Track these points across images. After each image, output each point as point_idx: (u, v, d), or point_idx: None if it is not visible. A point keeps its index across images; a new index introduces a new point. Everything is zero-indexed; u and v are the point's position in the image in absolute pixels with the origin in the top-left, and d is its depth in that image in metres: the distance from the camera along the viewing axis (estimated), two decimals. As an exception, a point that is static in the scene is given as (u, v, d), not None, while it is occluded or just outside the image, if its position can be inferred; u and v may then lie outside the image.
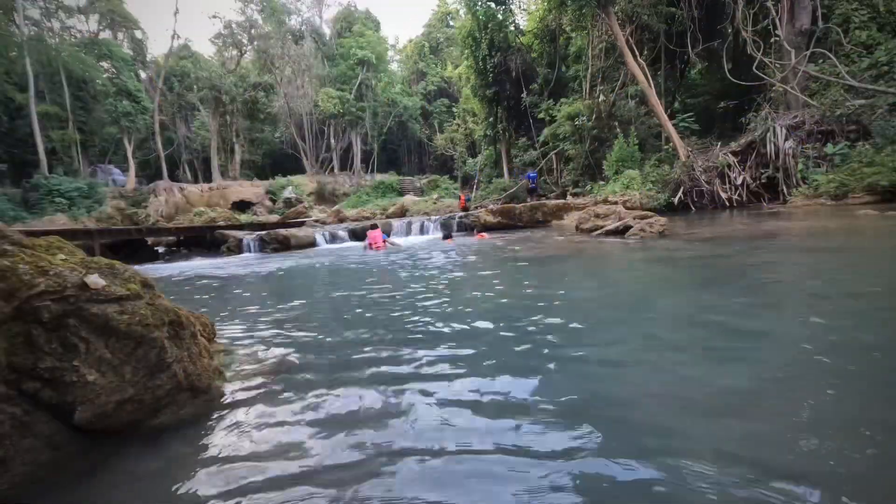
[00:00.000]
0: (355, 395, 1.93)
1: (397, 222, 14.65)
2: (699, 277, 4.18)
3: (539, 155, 21.43)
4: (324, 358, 2.49)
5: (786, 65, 12.70)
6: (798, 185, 10.79)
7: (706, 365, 2.02)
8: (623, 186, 14.35)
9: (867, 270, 3.78)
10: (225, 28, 35.25)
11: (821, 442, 1.31)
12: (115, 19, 32.21)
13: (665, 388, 1.79)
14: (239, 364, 2.35)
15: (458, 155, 37.82)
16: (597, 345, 2.42)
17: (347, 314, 3.61)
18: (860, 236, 5.80)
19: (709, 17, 16.83)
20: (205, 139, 37.22)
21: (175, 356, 1.69)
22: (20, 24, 24.33)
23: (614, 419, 1.57)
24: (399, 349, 2.51)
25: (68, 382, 1.37)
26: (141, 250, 14.52)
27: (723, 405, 1.61)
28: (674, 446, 1.35)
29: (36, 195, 21.55)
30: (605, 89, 19.22)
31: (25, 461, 1.31)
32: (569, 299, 3.56)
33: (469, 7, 22.83)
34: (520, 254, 7.06)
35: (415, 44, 45.00)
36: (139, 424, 1.61)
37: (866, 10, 13.08)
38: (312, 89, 35.54)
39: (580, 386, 1.87)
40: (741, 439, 1.37)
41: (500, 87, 23.16)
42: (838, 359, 1.92)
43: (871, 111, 10.67)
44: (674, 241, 6.69)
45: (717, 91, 18.19)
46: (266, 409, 1.84)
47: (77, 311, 1.42)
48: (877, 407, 1.53)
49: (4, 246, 1.41)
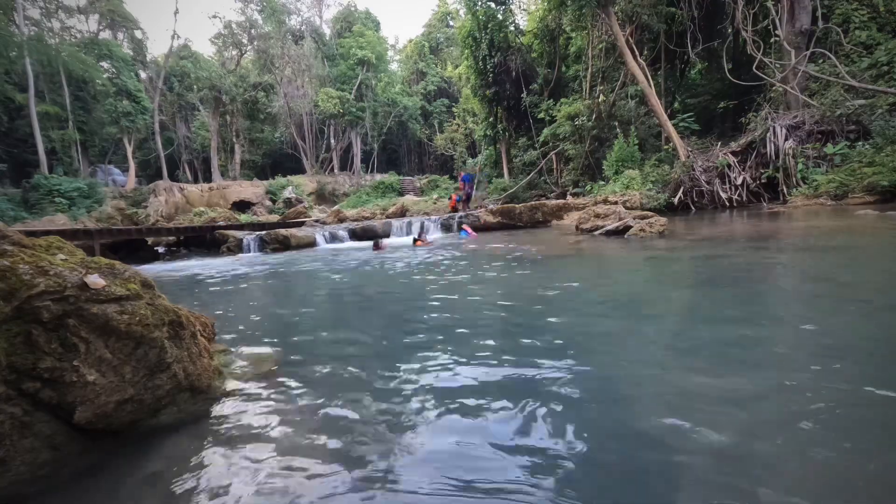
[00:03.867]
0: (355, 394, 1.93)
1: (397, 222, 14.64)
2: (699, 278, 4.17)
3: (539, 155, 21.43)
4: (323, 358, 2.49)
5: (786, 65, 12.70)
6: (798, 185, 10.79)
7: (706, 365, 2.02)
8: (623, 186, 14.34)
9: (867, 270, 3.78)
10: (225, 28, 35.24)
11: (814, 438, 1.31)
12: (115, 19, 32.19)
13: (664, 389, 1.79)
14: (239, 364, 2.35)
15: (458, 155, 37.83)
16: (597, 345, 2.42)
17: (347, 314, 3.61)
18: (860, 236, 5.80)
19: (709, 17, 16.83)
20: (205, 139, 37.22)
21: (175, 356, 1.69)
22: (20, 24, 24.32)
23: (614, 419, 1.57)
24: (398, 349, 2.51)
25: (68, 382, 1.37)
26: (141, 250, 14.53)
27: (722, 405, 1.61)
28: (672, 445, 1.35)
29: (36, 195, 21.55)
30: (605, 89, 19.22)
31: (25, 461, 1.31)
32: (568, 299, 3.56)
33: (469, 7, 22.83)
34: (519, 254, 7.05)
35: (415, 44, 44.97)
36: (139, 424, 1.61)
37: (866, 10, 13.09)
38: (312, 89, 35.53)
39: (580, 387, 1.87)
40: (739, 439, 1.37)
41: (499, 87, 23.16)
42: (838, 358, 1.92)
43: (871, 111, 10.67)
44: (674, 241, 6.68)
45: (717, 91, 18.19)
46: (265, 409, 1.84)
47: (77, 311, 1.42)
48: (876, 408, 1.53)
49: (4, 246, 1.41)
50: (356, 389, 1.99)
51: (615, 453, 1.35)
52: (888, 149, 9.53)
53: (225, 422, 1.75)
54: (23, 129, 26.25)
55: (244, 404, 1.90)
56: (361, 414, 1.75)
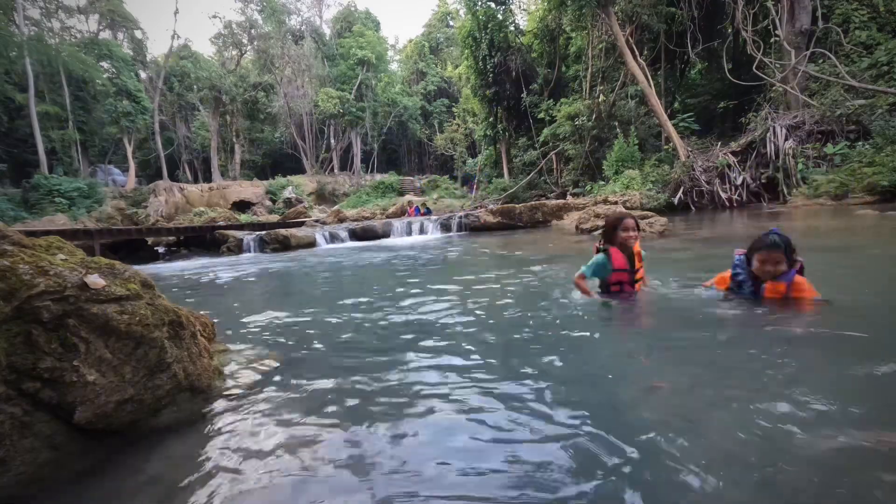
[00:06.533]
0: (355, 394, 1.93)
1: (397, 222, 14.64)
2: (699, 278, 4.17)
3: (539, 155, 21.44)
4: (323, 358, 2.49)
5: (786, 65, 12.70)
6: (798, 186, 10.79)
7: (706, 366, 2.02)
8: (623, 186, 14.35)
9: (866, 270, 3.78)
10: (225, 28, 35.29)
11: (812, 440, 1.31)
12: (115, 19, 32.22)
13: (663, 389, 1.79)
14: (239, 364, 2.35)
15: (458, 155, 37.85)
16: (596, 345, 2.42)
17: (347, 314, 3.61)
18: (859, 236, 5.80)
19: (709, 17, 16.84)
20: (205, 139, 37.24)
21: (175, 356, 1.69)
22: (20, 24, 24.33)
23: (614, 418, 1.57)
24: (399, 348, 2.51)
25: (68, 382, 1.37)
26: (141, 250, 14.53)
27: (721, 406, 1.61)
28: (668, 444, 1.35)
29: (36, 195, 21.56)
30: (605, 89, 19.23)
31: (25, 461, 1.31)
32: (568, 299, 3.56)
33: (469, 7, 22.86)
34: (519, 254, 7.05)
35: (415, 44, 45.00)
36: (139, 424, 1.61)
37: (866, 10, 13.10)
38: (312, 89, 35.56)
39: (579, 388, 1.87)
40: (734, 441, 1.37)
41: (499, 87, 23.18)
42: (838, 358, 1.92)
43: (871, 111, 10.67)
44: (674, 241, 6.69)
45: (717, 91, 18.21)
46: (265, 410, 1.84)
47: (77, 311, 1.42)
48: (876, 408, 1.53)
49: (4, 246, 1.41)
50: (356, 389, 1.99)
51: (613, 453, 1.35)
52: (888, 149, 9.54)
53: (225, 422, 1.75)
54: (23, 129, 26.26)
55: (244, 404, 1.89)
56: (362, 413, 1.75)
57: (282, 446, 1.54)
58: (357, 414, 1.75)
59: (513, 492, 1.19)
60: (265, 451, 1.51)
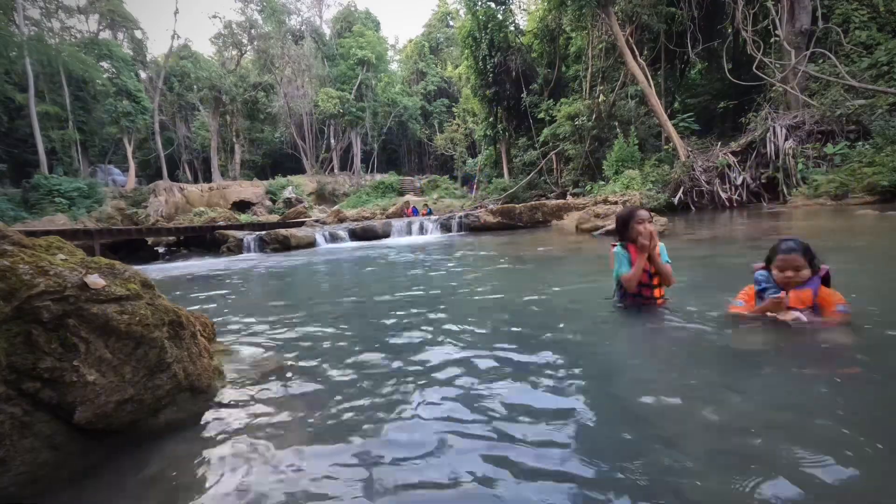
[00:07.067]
0: (355, 395, 1.93)
1: (397, 222, 14.64)
2: (699, 278, 4.17)
3: (539, 155, 21.44)
4: (323, 358, 2.49)
5: (786, 65, 12.70)
6: (798, 186, 10.79)
7: (706, 366, 2.02)
8: (623, 186, 14.35)
9: (865, 270, 3.78)
10: (225, 28, 35.29)
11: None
12: (115, 19, 32.22)
13: (662, 389, 1.79)
14: (239, 364, 2.35)
15: (458, 155, 37.86)
16: (596, 346, 2.42)
17: (347, 314, 3.61)
18: (859, 236, 5.80)
19: (709, 17, 16.84)
20: (205, 139, 37.24)
21: (175, 356, 1.69)
22: (20, 24, 24.33)
23: (614, 418, 1.57)
24: (399, 349, 2.51)
25: (68, 382, 1.37)
26: (141, 250, 14.53)
27: (718, 407, 1.61)
28: (668, 443, 1.35)
29: (36, 195, 21.56)
30: (604, 89, 19.23)
31: (25, 461, 1.31)
32: (568, 300, 3.56)
33: (469, 7, 22.86)
34: (520, 254, 7.06)
35: (415, 44, 45.00)
36: (139, 424, 1.61)
37: (866, 10, 13.10)
38: (312, 89, 35.56)
39: (579, 389, 1.87)
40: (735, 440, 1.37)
41: (499, 87, 23.18)
42: (836, 357, 1.92)
43: (871, 111, 10.67)
44: (674, 241, 6.68)
45: (717, 91, 18.21)
46: (265, 410, 1.84)
47: (77, 311, 1.42)
48: (874, 409, 1.53)
49: (4, 246, 1.41)
50: (357, 388, 1.99)
51: (614, 452, 1.35)
52: (888, 149, 9.54)
53: (225, 422, 1.75)
54: (23, 129, 26.26)
55: (244, 404, 1.89)
56: (362, 413, 1.75)
57: (282, 446, 1.54)
58: (358, 413, 1.75)
59: (513, 496, 1.19)
60: (265, 451, 1.51)
